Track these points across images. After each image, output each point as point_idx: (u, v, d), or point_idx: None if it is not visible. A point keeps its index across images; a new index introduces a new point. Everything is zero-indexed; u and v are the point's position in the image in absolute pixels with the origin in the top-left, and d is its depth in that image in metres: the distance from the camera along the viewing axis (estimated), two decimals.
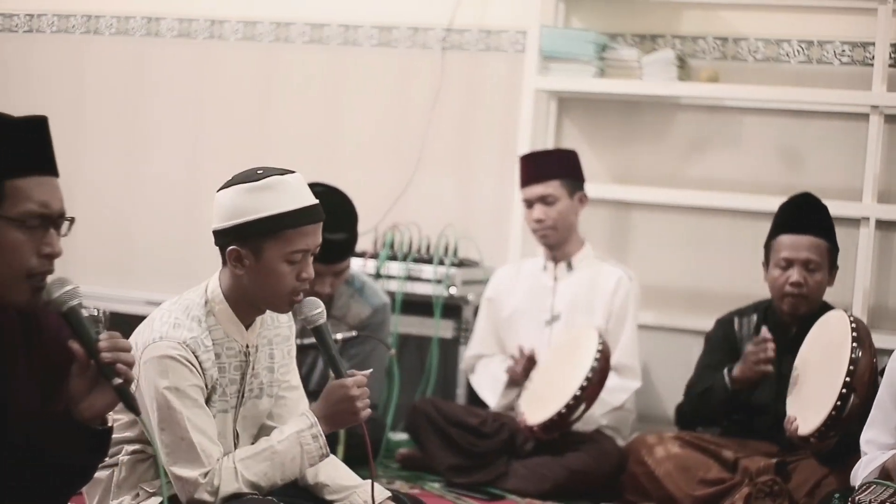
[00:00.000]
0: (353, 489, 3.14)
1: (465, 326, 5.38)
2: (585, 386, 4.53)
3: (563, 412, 4.55)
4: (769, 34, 5.37)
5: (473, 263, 5.57)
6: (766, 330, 4.38)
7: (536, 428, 4.62)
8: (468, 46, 5.80)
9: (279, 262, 2.95)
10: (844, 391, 3.88)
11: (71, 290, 2.44)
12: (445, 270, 5.40)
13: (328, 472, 3.14)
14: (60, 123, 2.52)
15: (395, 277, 5.44)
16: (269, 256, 2.95)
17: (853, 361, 3.90)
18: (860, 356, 3.91)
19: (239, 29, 6.15)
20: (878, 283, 5.13)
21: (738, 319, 4.61)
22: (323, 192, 3.43)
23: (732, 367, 4.42)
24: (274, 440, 3.02)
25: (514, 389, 4.90)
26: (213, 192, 3.04)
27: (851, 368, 3.89)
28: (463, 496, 4.58)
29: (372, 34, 5.94)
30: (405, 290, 5.42)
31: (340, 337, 4.52)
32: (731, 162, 5.42)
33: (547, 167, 4.93)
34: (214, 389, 3.00)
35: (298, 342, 3.34)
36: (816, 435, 3.97)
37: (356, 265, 5.16)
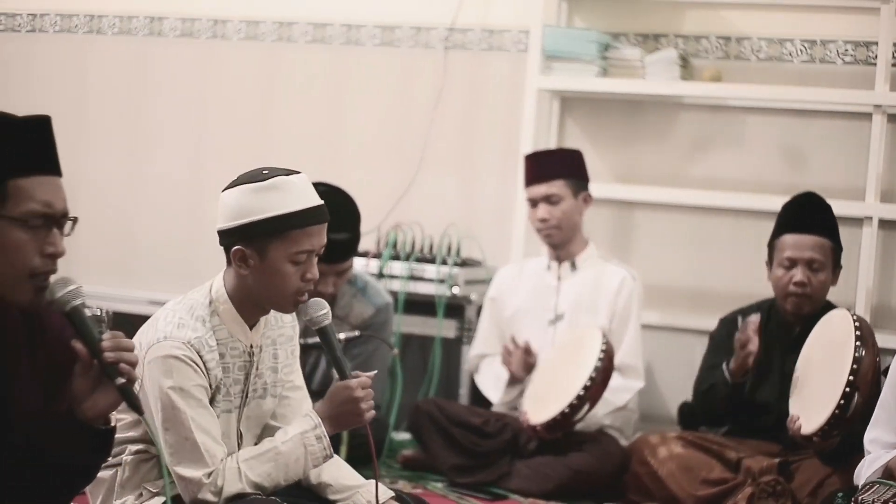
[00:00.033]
0: (356, 489, 3.14)
1: (467, 326, 5.38)
2: (589, 386, 4.52)
3: (566, 412, 4.55)
4: (772, 33, 5.36)
5: (476, 263, 5.57)
6: (755, 317, 4.41)
7: (540, 427, 4.62)
8: (471, 46, 5.80)
9: (284, 262, 2.95)
10: (848, 390, 3.88)
11: (74, 289, 2.44)
12: (448, 270, 5.40)
13: (331, 471, 3.14)
14: (63, 123, 2.52)
15: (397, 277, 5.44)
16: (273, 257, 2.95)
17: (856, 360, 3.89)
18: (863, 355, 3.91)
19: (242, 28, 6.15)
20: (880, 282, 5.13)
21: (741, 318, 4.59)
22: (326, 191, 3.42)
23: (730, 361, 4.43)
24: (278, 441, 3.01)
25: (516, 387, 4.90)
26: (215, 191, 3.04)
27: (855, 367, 3.89)
28: (466, 496, 4.57)
29: (374, 34, 5.94)
30: (408, 289, 5.41)
31: (343, 337, 4.50)
32: (734, 161, 5.42)
33: (551, 166, 4.93)
34: (218, 389, 3.00)
35: (301, 342, 3.33)
36: (819, 434, 3.97)
37: (359, 265, 5.16)
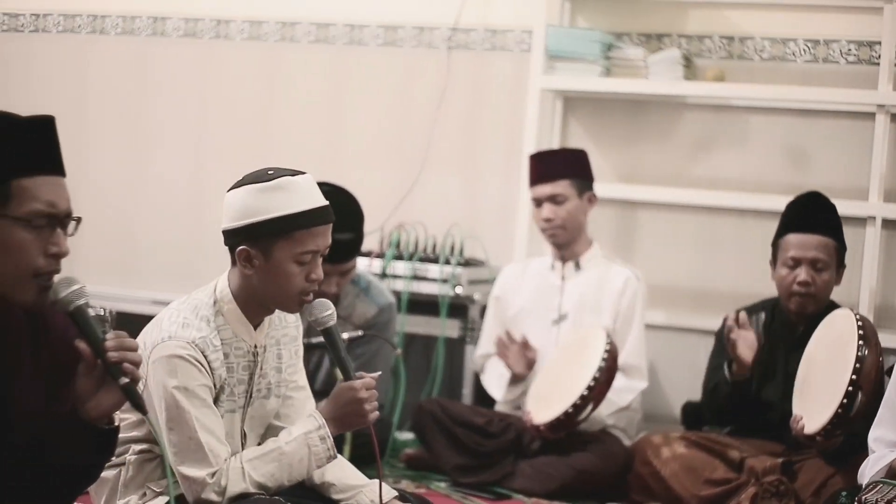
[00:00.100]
0: (359, 488, 3.14)
1: (471, 326, 5.37)
2: (593, 386, 4.52)
3: (570, 412, 4.55)
4: (775, 33, 5.36)
5: (479, 263, 5.57)
6: (743, 315, 4.43)
7: (543, 427, 4.62)
8: (474, 46, 5.80)
9: (289, 262, 2.95)
10: (851, 389, 3.88)
11: (77, 289, 2.44)
12: (451, 270, 5.40)
13: (335, 471, 3.14)
14: (65, 123, 2.52)
15: (400, 277, 5.44)
16: (278, 257, 2.95)
17: (859, 359, 3.89)
18: (866, 354, 3.91)
19: (244, 28, 6.15)
20: (884, 282, 5.12)
21: (746, 317, 4.59)
22: (329, 191, 3.42)
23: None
24: (282, 441, 3.01)
25: (519, 385, 4.90)
26: (218, 191, 3.04)
27: (858, 366, 3.89)
28: (469, 496, 4.57)
29: (377, 34, 5.94)
30: (411, 289, 5.41)
31: (346, 336, 4.50)
32: (737, 161, 5.42)
33: (556, 166, 4.92)
34: (223, 389, 3.00)
35: (305, 341, 3.33)
36: (822, 433, 3.97)
37: (362, 265, 5.16)
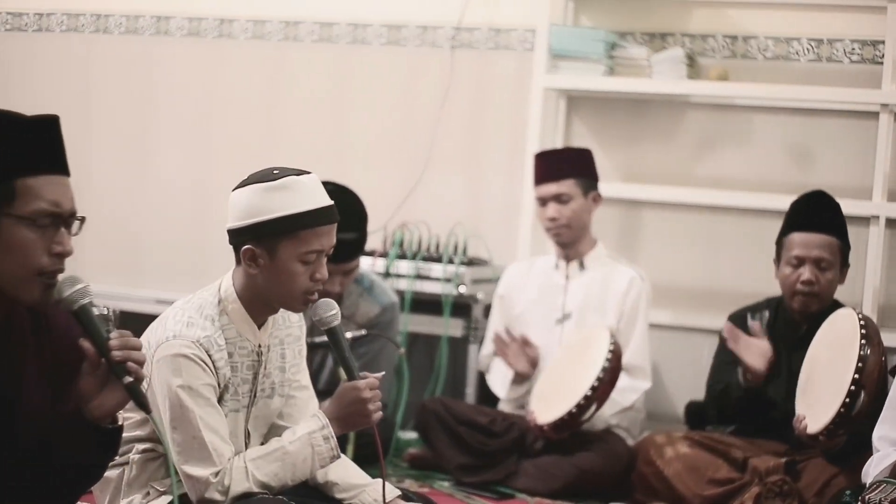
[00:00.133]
0: (362, 487, 3.14)
1: (474, 325, 5.37)
2: (597, 386, 4.52)
3: (573, 412, 4.54)
4: (779, 32, 5.36)
5: (483, 262, 5.57)
6: (755, 323, 4.42)
7: (546, 427, 4.62)
8: (477, 45, 5.80)
9: (294, 261, 2.95)
10: (853, 388, 3.89)
11: (81, 288, 2.44)
12: (455, 269, 5.40)
13: (338, 470, 3.14)
14: (68, 122, 2.52)
15: (404, 276, 5.44)
16: (283, 256, 2.95)
17: (862, 359, 3.90)
18: (869, 354, 3.91)
19: (248, 28, 6.15)
20: (887, 281, 5.12)
21: (750, 316, 4.59)
22: (333, 190, 3.41)
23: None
24: (285, 441, 3.02)
25: (523, 385, 4.90)
26: (222, 190, 3.04)
27: (860, 366, 3.89)
28: (473, 495, 4.57)
29: (381, 33, 5.94)
30: (414, 288, 5.41)
31: (350, 335, 4.52)
32: (740, 160, 5.41)
33: (562, 166, 4.92)
34: (227, 388, 3.00)
35: (308, 340, 3.34)
36: (825, 433, 3.97)
37: (365, 264, 5.16)
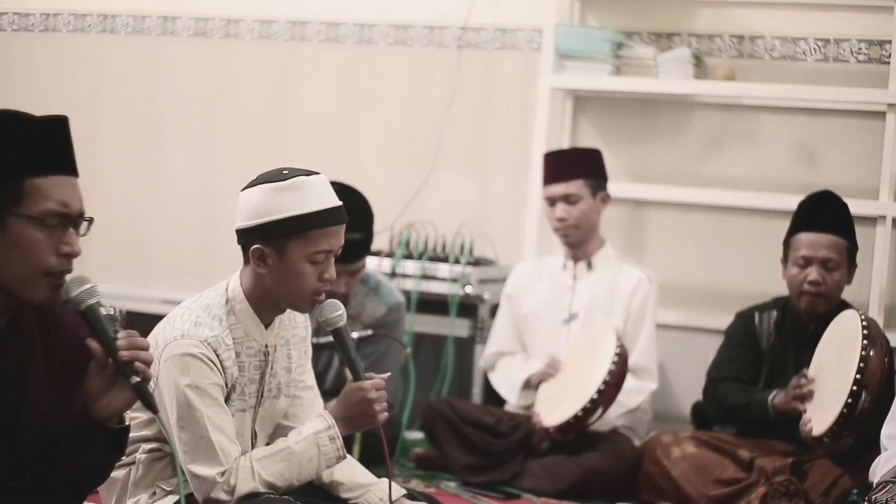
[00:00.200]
0: (368, 487, 3.14)
1: (480, 325, 5.37)
2: (603, 389, 4.52)
3: (579, 415, 4.54)
4: (785, 32, 5.36)
5: (489, 262, 5.57)
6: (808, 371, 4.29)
7: (552, 430, 4.61)
8: (484, 45, 5.80)
9: (302, 261, 2.96)
10: (855, 388, 3.90)
11: (89, 288, 2.44)
12: (461, 269, 5.40)
13: (343, 470, 3.15)
14: (75, 122, 2.52)
15: (410, 276, 5.44)
16: (292, 256, 2.96)
17: (864, 359, 3.91)
18: (871, 354, 3.92)
19: (255, 28, 6.15)
20: (894, 281, 5.11)
21: (758, 315, 4.58)
22: (339, 191, 3.41)
23: (777, 393, 4.34)
24: (291, 441, 3.02)
25: (532, 391, 4.89)
26: (228, 190, 3.05)
27: (862, 366, 3.91)
28: (479, 495, 4.57)
29: (387, 33, 5.94)
30: (420, 288, 5.41)
31: (356, 336, 4.52)
32: (747, 160, 5.41)
33: (571, 166, 4.91)
34: (234, 388, 3.01)
35: (314, 341, 3.34)
36: (829, 434, 3.98)
37: (371, 264, 5.16)
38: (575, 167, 4.91)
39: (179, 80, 6.31)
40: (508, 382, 4.98)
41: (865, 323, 3.99)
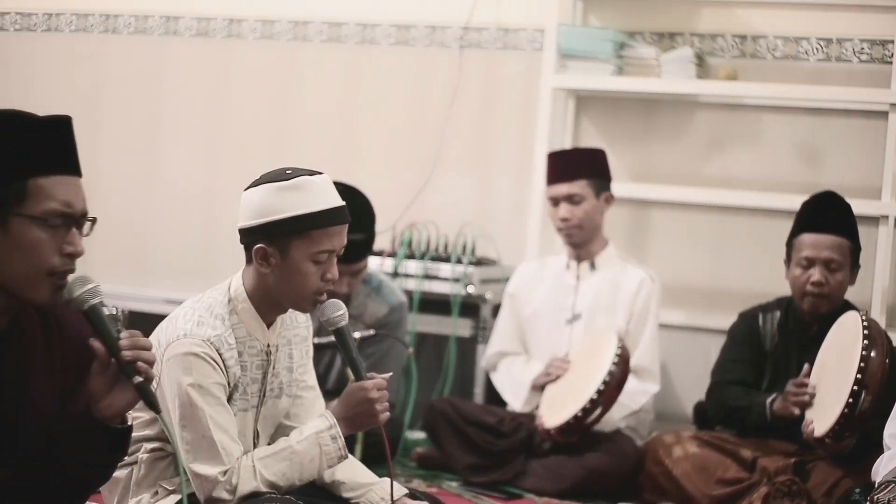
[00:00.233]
0: (369, 486, 3.14)
1: (482, 325, 5.37)
2: (602, 390, 4.52)
3: (579, 416, 4.54)
4: (788, 32, 5.36)
5: (491, 262, 5.57)
6: (808, 368, 4.28)
7: (554, 431, 4.61)
8: (486, 45, 5.80)
9: (305, 261, 2.96)
10: (856, 388, 3.90)
11: (92, 288, 2.44)
12: (463, 269, 5.40)
13: (345, 469, 3.15)
14: (78, 122, 2.52)
15: (412, 276, 5.44)
16: (295, 256, 2.96)
17: (864, 359, 3.92)
18: (872, 354, 3.92)
19: (257, 28, 6.16)
20: None
21: (761, 315, 4.58)
22: (341, 191, 3.41)
23: (775, 398, 4.34)
24: (293, 440, 3.02)
25: (539, 393, 4.88)
26: (231, 190, 3.05)
27: (862, 366, 3.91)
28: (481, 495, 4.57)
29: (390, 33, 5.94)
30: (423, 288, 5.42)
31: (358, 335, 4.51)
32: (750, 160, 5.41)
33: (574, 166, 4.91)
34: (236, 388, 3.01)
35: (315, 341, 3.34)
36: (831, 435, 3.98)
37: (373, 264, 5.16)
38: (578, 167, 4.90)
39: (181, 79, 6.32)
40: (512, 387, 4.98)
41: (866, 323, 3.99)
